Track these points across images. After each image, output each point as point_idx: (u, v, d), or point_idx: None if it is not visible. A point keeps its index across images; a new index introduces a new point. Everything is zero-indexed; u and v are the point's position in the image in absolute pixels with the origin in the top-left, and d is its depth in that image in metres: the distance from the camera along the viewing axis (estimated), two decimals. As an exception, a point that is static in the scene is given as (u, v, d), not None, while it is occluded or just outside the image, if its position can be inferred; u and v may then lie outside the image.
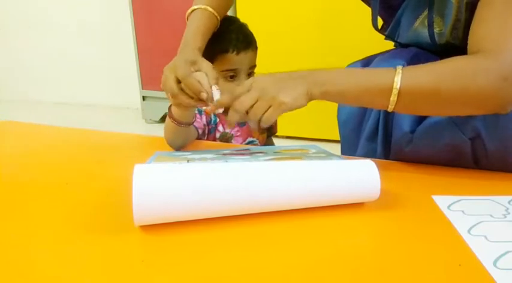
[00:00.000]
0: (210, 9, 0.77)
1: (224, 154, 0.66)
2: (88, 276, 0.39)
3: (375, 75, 0.57)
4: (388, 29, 0.83)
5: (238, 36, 0.84)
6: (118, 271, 0.39)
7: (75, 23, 2.81)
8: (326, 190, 0.49)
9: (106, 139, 0.86)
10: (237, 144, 0.90)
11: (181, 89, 0.66)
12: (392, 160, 0.70)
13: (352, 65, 0.81)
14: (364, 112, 0.76)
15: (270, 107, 0.57)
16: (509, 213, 0.50)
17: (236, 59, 0.84)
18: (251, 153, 0.68)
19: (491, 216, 0.50)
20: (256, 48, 0.88)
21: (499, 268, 0.39)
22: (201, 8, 0.77)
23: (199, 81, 0.64)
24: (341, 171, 0.50)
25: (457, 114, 0.59)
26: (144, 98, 2.48)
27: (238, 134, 0.92)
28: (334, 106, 0.87)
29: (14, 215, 0.52)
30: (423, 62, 0.73)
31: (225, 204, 0.46)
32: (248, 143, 0.93)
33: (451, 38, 0.75)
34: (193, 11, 0.78)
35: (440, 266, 0.40)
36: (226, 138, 0.90)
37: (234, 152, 0.69)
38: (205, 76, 0.66)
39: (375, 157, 0.73)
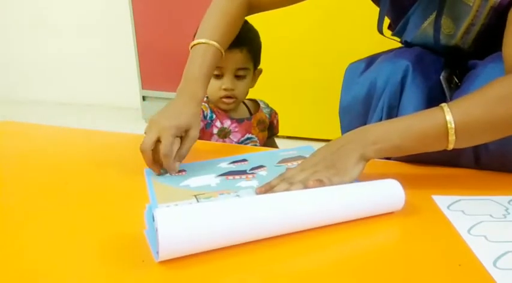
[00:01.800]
0: (216, 44, 0.72)
1: (223, 174, 0.63)
2: (88, 275, 0.39)
3: (425, 121, 0.55)
4: (397, 28, 0.83)
5: None
6: (118, 271, 0.40)
7: (75, 22, 2.81)
8: (357, 215, 0.49)
9: (106, 139, 0.85)
10: (233, 144, 0.90)
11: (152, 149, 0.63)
12: (393, 160, 0.70)
13: (355, 63, 0.80)
14: (369, 103, 0.74)
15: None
16: (509, 213, 0.50)
17: None
18: (252, 171, 0.65)
19: (491, 216, 0.50)
20: (250, 50, 0.87)
21: (499, 268, 0.39)
22: (206, 43, 0.72)
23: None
24: (370, 200, 0.50)
25: None
26: (144, 98, 2.48)
27: (237, 129, 0.91)
28: (333, 106, 0.86)
29: (13, 215, 0.53)
30: (427, 62, 0.74)
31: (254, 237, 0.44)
32: (246, 139, 0.93)
33: (461, 42, 0.75)
34: (197, 44, 0.72)
35: (440, 266, 0.40)
36: (224, 134, 0.90)
37: (233, 167, 0.67)
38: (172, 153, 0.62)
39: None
